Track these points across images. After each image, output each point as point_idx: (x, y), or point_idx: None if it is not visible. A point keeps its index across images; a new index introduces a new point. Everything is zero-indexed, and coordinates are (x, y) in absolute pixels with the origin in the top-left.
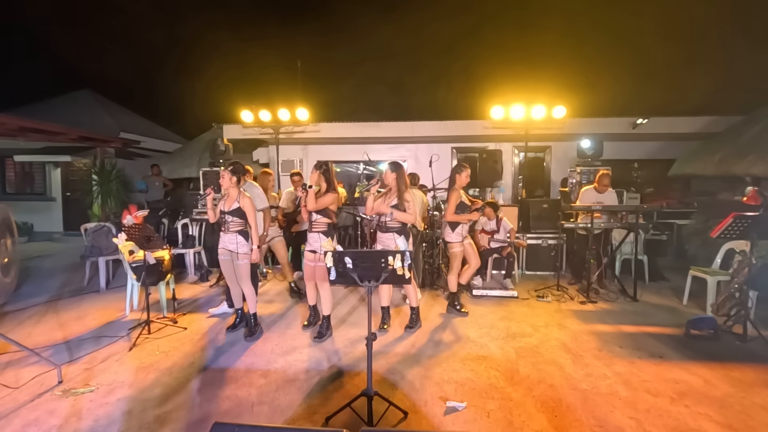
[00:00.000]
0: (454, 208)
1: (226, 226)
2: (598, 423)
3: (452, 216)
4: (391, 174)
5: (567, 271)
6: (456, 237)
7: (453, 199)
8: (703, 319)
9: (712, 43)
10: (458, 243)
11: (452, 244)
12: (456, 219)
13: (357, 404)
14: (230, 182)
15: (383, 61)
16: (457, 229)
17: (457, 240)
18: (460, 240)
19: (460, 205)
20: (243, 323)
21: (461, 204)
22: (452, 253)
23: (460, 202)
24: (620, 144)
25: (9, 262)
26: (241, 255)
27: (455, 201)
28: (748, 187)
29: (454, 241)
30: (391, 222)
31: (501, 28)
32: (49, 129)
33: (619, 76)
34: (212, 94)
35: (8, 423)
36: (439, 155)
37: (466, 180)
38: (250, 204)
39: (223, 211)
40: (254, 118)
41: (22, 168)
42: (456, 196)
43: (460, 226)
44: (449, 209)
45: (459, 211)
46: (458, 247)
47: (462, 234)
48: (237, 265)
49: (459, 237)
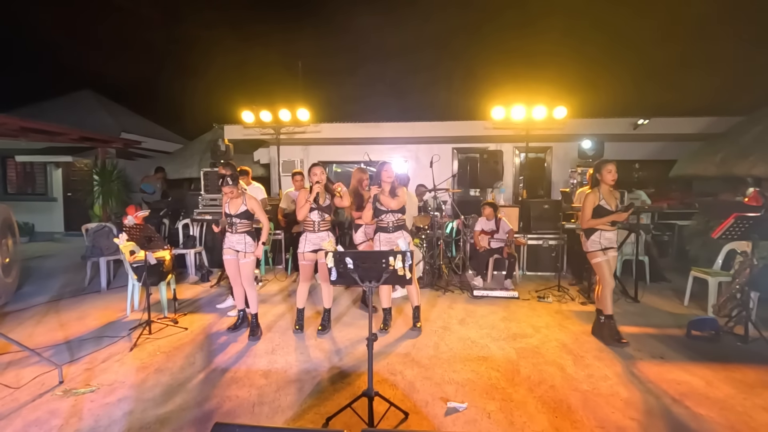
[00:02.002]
0: (590, 212)
1: (233, 228)
2: (599, 424)
3: (589, 221)
4: (391, 177)
5: (568, 272)
6: (594, 245)
7: (589, 202)
8: (704, 320)
9: (713, 44)
10: (599, 252)
11: (591, 254)
12: (594, 224)
13: (358, 405)
14: (236, 192)
15: (384, 62)
16: (594, 236)
17: (595, 249)
18: (601, 249)
19: (597, 209)
20: (245, 324)
21: (599, 208)
22: (594, 264)
23: (597, 206)
24: (621, 145)
25: (10, 262)
26: (248, 254)
27: (592, 204)
28: (750, 188)
29: (592, 250)
30: (391, 221)
31: (502, 28)
32: (51, 129)
33: (620, 77)
34: (213, 95)
35: (9, 423)
36: (440, 156)
37: (611, 177)
38: (257, 203)
39: (230, 214)
40: (255, 119)
41: (23, 168)
42: (593, 199)
43: (598, 233)
44: (584, 215)
45: (596, 216)
46: (600, 257)
47: (601, 242)
48: (243, 264)
49: (598, 245)
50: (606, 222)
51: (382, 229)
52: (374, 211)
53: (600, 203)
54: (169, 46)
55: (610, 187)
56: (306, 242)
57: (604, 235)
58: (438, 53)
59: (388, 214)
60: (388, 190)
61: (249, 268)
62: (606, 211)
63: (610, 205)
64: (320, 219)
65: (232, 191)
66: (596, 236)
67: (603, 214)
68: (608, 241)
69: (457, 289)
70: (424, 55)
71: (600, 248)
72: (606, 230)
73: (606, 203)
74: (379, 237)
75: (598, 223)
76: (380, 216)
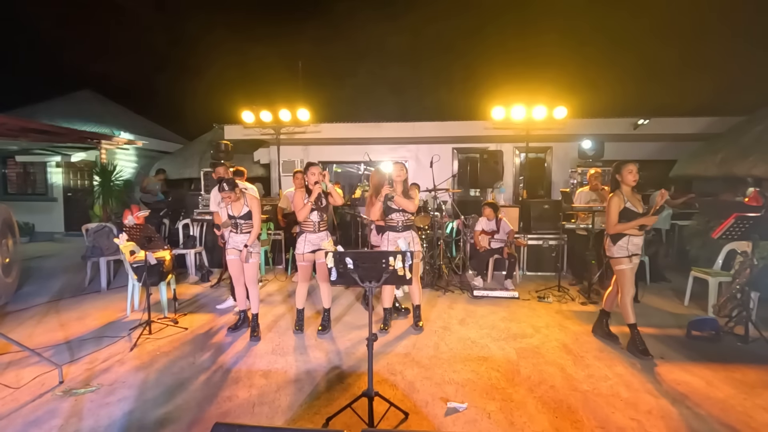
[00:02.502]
0: (616, 216)
1: (238, 228)
2: (599, 424)
3: (616, 227)
4: (404, 173)
5: (568, 272)
6: (620, 251)
7: (614, 206)
8: (704, 320)
9: (713, 44)
10: (625, 259)
11: (616, 260)
12: (622, 229)
13: (358, 405)
14: (234, 197)
15: (384, 62)
16: (621, 241)
17: (622, 255)
18: (627, 255)
19: (624, 212)
20: (245, 325)
21: (626, 210)
22: (618, 270)
23: (624, 209)
24: (621, 145)
25: (10, 262)
26: (253, 254)
27: (617, 207)
28: (750, 188)
29: (618, 256)
30: (401, 221)
31: (502, 29)
32: (51, 129)
33: (621, 77)
34: (213, 95)
35: (9, 423)
36: (440, 156)
37: (632, 178)
38: (257, 203)
39: (234, 215)
40: (255, 119)
41: (23, 168)
42: (617, 202)
43: (626, 238)
44: (610, 219)
45: (624, 219)
46: (625, 264)
47: (628, 248)
48: (246, 265)
49: (625, 251)
50: (635, 226)
51: (391, 228)
52: (385, 209)
53: (626, 206)
54: (170, 46)
55: (631, 188)
56: (305, 243)
57: (632, 240)
58: (438, 53)
59: (399, 213)
60: (401, 190)
61: (253, 267)
62: (633, 214)
63: (636, 207)
64: (320, 219)
65: (230, 196)
66: (623, 242)
67: (630, 217)
68: (636, 246)
69: (458, 290)
70: (425, 55)
71: (627, 254)
72: (634, 235)
73: (632, 205)
74: (387, 236)
75: (627, 227)
76: (390, 215)
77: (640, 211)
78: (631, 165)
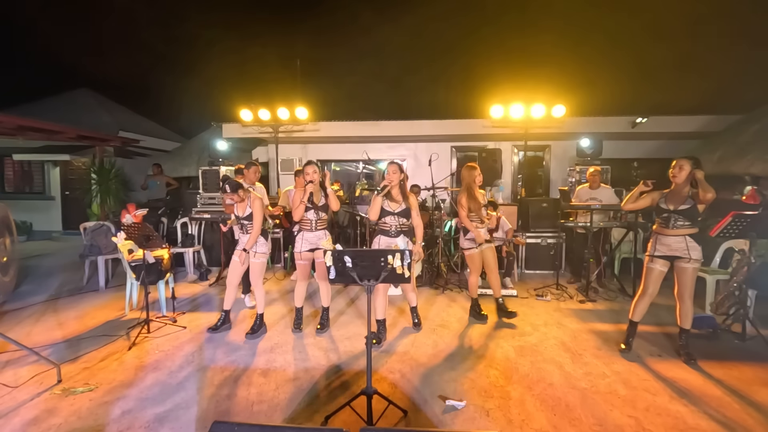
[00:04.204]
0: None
1: (244, 228)
2: (597, 422)
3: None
4: (398, 173)
5: (566, 270)
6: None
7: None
8: (702, 318)
9: (711, 43)
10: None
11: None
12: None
13: (357, 403)
14: (237, 198)
15: (382, 60)
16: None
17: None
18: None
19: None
20: (226, 325)
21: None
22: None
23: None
24: (620, 143)
25: (8, 261)
26: (258, 254)
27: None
28: (747, 186)
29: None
30: (395, 225)
31: (500, 28)
32: (48, 128)
33: (619, 76)
34: (211, 93)
35: (7, 422)
36: (439, 154)
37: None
38: (260, 204)
39: (239, 216)
40: (253, 117)
41: (21, 167)
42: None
43: (655, 237)
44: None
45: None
46: (650, 263)
47: (657, 249)
48: (253, 264)
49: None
50: (472, 228)
51: (383, 231)
52: (381, 211)
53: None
54: (167, 44)
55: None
56: (303, 241)
57: (660, 240)
58: (437, 52)
59: (393, 217)
60: (395, 193)
61: (259, 267)
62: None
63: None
64: (317, 218)
65: (233, 198)
66: (652, 240)
67: (660, 213)
68: (666, 248)
69: (456, 288)
70: (423, 53)
71: (653, 254)
72: (663, 234)
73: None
74: (379, 240)
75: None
76: (384, 217)
77: (671, 207)
78: (682, 161)
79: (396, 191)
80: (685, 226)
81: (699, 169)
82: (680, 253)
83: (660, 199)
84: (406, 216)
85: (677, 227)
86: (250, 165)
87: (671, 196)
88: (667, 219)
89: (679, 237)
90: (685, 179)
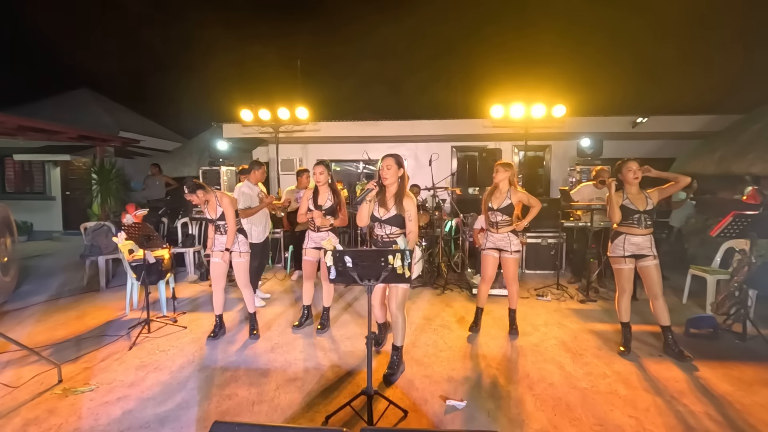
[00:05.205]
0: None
1: (220, 230)
2: (597, 421)
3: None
4: (395, 169)
5: (567, 270)
6: (615, 250)
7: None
8: (702, 318)
9: (711, 42)
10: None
11: (612, 259)
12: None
13: (357, 403)
14: (200, 198)
15: (383, 60)
16: (618, 240)
17: (616, 254)
18: (622, 255)
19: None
20: (222, 330)
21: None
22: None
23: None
24: (620, 143)
25: (9, 261)
26: (242, 253)
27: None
28: (748, 186)
29: (613, 256)
30: (381, 235)
31: (501, 28)
32: (49, 128)
33: (619, 75)
34: (212, 93)
35: (8, 422)
36: (439, 154)
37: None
38: (229, 201)
39: (213, 219)
40: (254, 117)
41: (21, 167)
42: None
43: (623, 236)
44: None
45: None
46: (620, 264)
47: (625, 248)
48: (236, 264)
49: (620, 251)
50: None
51: (372, 240)
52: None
53: (624, 202)
54: (168, 44)
55: (636, 186)
56: (309, 239)
57: (629, 240)
58: (437, 52)
59: (383, 226)
60: (394, 192)
61: (242, 267)
62: (631, 211)
63: (637, 204)
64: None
65: (191, 199)
66: (620, 240)
67: (628, 215)
68: (634, 246)
69: (456, 288)
70: (424, 53)
71: (622, 254)
72: (632, 234)
73: (630, 202)
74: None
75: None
76: (372, 224)
77: (641, 208)
78: (630, 163)
79: (390, 193)
80: (650, 225)
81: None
82: (646, 251)
83: (624, 201)
84: (399, 225)
85: (648, 227)
86: (259, 165)
87: (634, 198)
88: (639, 219)
89: (647, 236)
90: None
